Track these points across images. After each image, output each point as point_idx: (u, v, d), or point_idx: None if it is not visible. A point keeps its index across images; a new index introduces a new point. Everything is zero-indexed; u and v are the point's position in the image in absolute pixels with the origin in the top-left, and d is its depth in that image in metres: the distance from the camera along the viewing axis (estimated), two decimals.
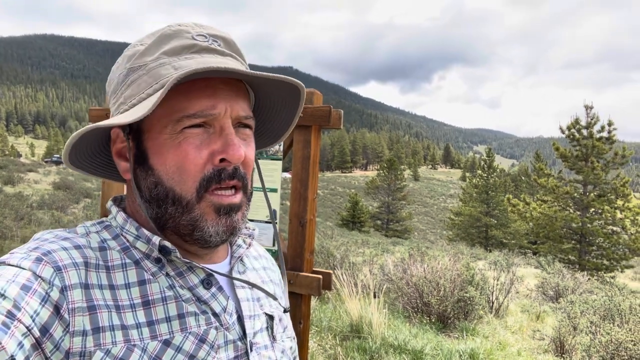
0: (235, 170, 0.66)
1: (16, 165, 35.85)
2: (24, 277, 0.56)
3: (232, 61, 0.68)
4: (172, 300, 0.65)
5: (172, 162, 0.65)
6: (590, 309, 5.78)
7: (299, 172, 2.60)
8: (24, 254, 0.59)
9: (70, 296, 0.58)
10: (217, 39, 0.69)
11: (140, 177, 0.68)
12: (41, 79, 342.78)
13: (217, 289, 0.70)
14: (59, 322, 0.56)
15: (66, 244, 0.63)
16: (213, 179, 0.65)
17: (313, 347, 4.46)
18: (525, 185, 49.21)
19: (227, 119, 0.66)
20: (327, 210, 60.06)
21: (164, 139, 0.65)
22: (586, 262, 18.69)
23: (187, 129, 0.64)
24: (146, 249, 0.67)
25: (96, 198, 23.97)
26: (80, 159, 0.73)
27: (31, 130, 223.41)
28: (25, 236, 10.36)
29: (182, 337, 0.63)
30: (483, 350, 4.80)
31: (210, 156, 0.65)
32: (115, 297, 0.62)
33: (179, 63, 0.65)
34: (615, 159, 19.66)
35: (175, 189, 0.65)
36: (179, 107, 0.64)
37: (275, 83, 0.69)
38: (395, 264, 8.27)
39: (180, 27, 0.68)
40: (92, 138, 0.70)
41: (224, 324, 0.68)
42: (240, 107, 0.68)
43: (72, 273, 0.59)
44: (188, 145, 0.64)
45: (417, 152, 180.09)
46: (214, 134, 0.66)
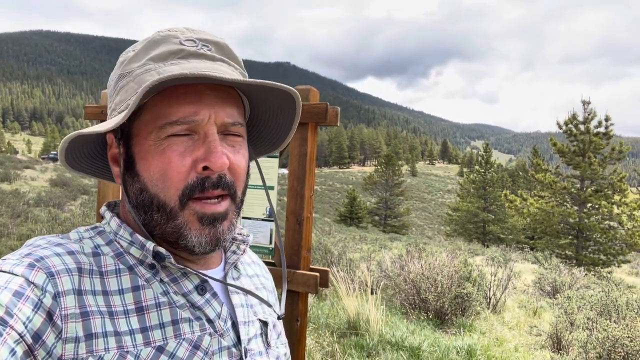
0: (220, 178, 0.65)
1: (13, 162, 35.73)
2: (17, 283, 0.55)
3: (221, 66, 0.67)
4: (166, 306, 0.65)
5: (155, 169, 0.64)
6: (587, 305, 5.80)
7: (296, 169, 2.59)
8: (17, 260, 0.59)
9: (63, 302, 0.57)
10: (208, 43, 0.68)
11: (127, 182, 0.68)
12: (37, 75, 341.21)
13: (211, 295, 0.69)
14: (52, 329, 0.55)
15: (59, 249, 0.62)
16: (196, 188, 0.64)
17: (310, 344, 4.46)
18: (522, 181, 49.31)
19: (212, 125, 0.65)
20: (324, 206, 60.10)
21: (149, 145, 0.64)
22: (583, 257, 18.76)
23: (172, 136, 0.64)
24: (140, 255, 0.66)
25: (93, 195, 23.92)
26: (79, 160, 0.73)
27: (28, 126, 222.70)
28: (22, 234, 10.32)
29: (176, 343, 0.63)
30: (480, 347, 4.81)
31: (193, 164, 0.64)
32: (108, 303, 0.61)
33: (164, 69, 0.64)
34: (612, 154, 19.68)
35: (160, 195, 0.64)
36: (163, 114, 0.63)
37: (268, 89, 0.67)
38: (393, 260, 8.28)
39: (169, 33, 0.67)
40: (89, 141, 0.70)
41: (219, 330, 0.68)
42: (226, 114, 0.66)
43: (65, 279, 0.59)
44: (172, 152, 0.63)
45: (415, 148, 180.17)
46: (198, 141, 0.64)
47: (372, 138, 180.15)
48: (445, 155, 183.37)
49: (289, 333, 2.53)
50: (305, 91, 2.55)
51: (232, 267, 0.77)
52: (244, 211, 2.75)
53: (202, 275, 0.68)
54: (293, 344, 2.51)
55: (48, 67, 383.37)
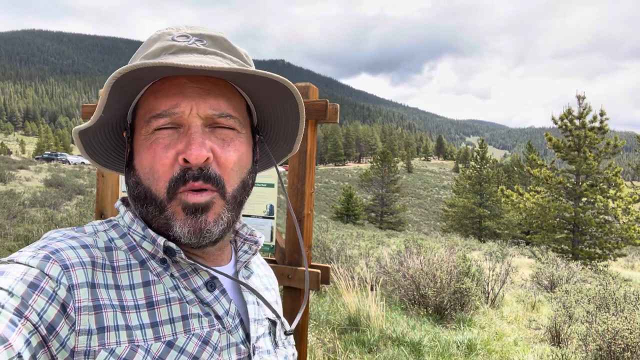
0: (201, 170, 0.64)
1: (7, 162, 35.52)
2: (32, 275, 0.56)
3: (211, 58, 0.66)
4: (176, 301, 0.65)
5: (146, 163, 0.66)
6: (585, 298, 5.83)
7: (296, 166, 2.58)
8: (33, 252, 0.59)
9: (77, 295, 0.58)
10: (202, 37, 0.68)
11: (127, 176, 0.70)
12: (30, 74, 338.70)
13: (220, 291, 0.70)
14: (66, 321, 0.56)
15: (74, 242, 0.63)
16: (180, 180, 0.64)
17: (312, 340, 4.46)
18: (517, 176, 49.51)
19: (194, 117, 0.65)
20: (321, 204, 60.10)
21: (141, 140, 0.67)
22: (579, 252, 18.86)
23: (159, 130, 0.65)
24: (152, 249, 0.67)
25: (89, 195, 23.82)
26: (100, 155, 0.76)
27: (21, 126, 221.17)
28: (19, 234, 10.26)
29: (186, 338, 0.64)
30: (480, 341, 4.84)
31: (176, 156, 0.64)
32: (120, 298, 0.62)
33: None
34: (607, 148, 19.76)
35: (152, 188, 0.66)
36: (150, 108, 0.66)
37: (269, 82, 0.66)
38: (392, 256, 8.30)
39: (165, 30, 0.69)
40: (106, 137, 0.74)
41: (227, 326, 0.69)
42: (209, 105, 0.65)
43: (79, 272, 0.60)
44: (157, 146, 0.65)
45: (410, 144, 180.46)
46: (183, 134, 0.65)
47: (368, 135, 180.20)
48: (440, 151, 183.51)
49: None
50: (304, 88, 2.54)
51: (243, 266, 0.78)
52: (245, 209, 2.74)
53: (212, 272, 0.68)
54: (295, 340, 2.50)
55: (41, 67, 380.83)
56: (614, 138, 19.98)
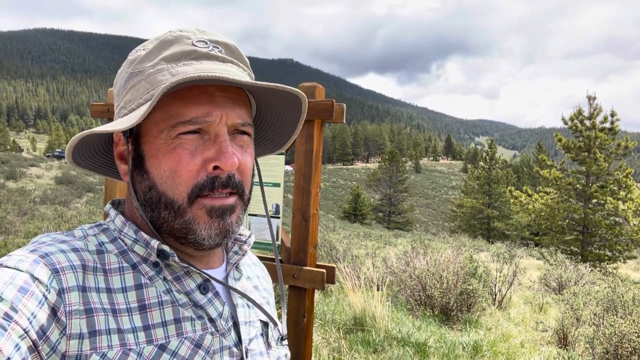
0: (230, 178, 0.66)
1: (18, 160, 35.92)
2: (22, 279, 0.56)
3: (232, 67, 0.68)
4: (169, 304, 0.65)
5: (166, 167, 0.65)
6: (593, 301, 5.78)
7: (302, 166, 2.59)
8: (22, 256, 0.59)
9: (67, 299, 0.58)
10: (218, 44, 0.69)
11: (136, 180, 0.69)
12: (41, 73, 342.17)
13: (213, 294, 0.70)
14: (56, 325, 0.56)
15: (64, 246, 0.63)
16: (206, 187, 0.65)
17: (317, 340, 4.47)
18: (527, 177, 49.11)
19: (223, 126, 0.66)
20: (328, 203, 60.10)
21: (159, 144, 0.66)
22: (589, 253, 18.68)
23: (183, 134, 0.65)
24: (144, 253, 0.67)
25: (99, 192, 24.03)
26: (85, 157, 0.74)
27: (32, 124, 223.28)
28: (29, 231, 10.38)
29: (178, 342, 0.64)
30: (486, 342, 4.81)
31: (204, 163, 0.65)
32: (112, 301, 0.62)
33: (177, 69, 0.65)
34: (618, 150, 19.55)
35: (168, 193, 0.65)
36: (175, 113, 0.65)
37: (275, 91, 0.69)
38: (398, 256, 8.28)
39: (182, 33, 0.68)
40: (96, 139, 0.71)
41: (220, 329, 0.69)
42: (236, 115, 0.67)
43: (69, 276, 0.60)
44: (182, 151, 0.65)
45: (419, 144, 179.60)
46: (208, 141, 0.66)
47: (376, 134, 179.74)
48: (449, 151, 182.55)
49: (296, 329, 2.54)
50: (311, 88, 2.55)
51: (233, 268, 0.78)
52: (250, 208, 2.76)
53: (205, 275, 0.69)
54: (300, 340, 2.52)
55: (52, 65, 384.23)
56: (624, 139, 19.76)
